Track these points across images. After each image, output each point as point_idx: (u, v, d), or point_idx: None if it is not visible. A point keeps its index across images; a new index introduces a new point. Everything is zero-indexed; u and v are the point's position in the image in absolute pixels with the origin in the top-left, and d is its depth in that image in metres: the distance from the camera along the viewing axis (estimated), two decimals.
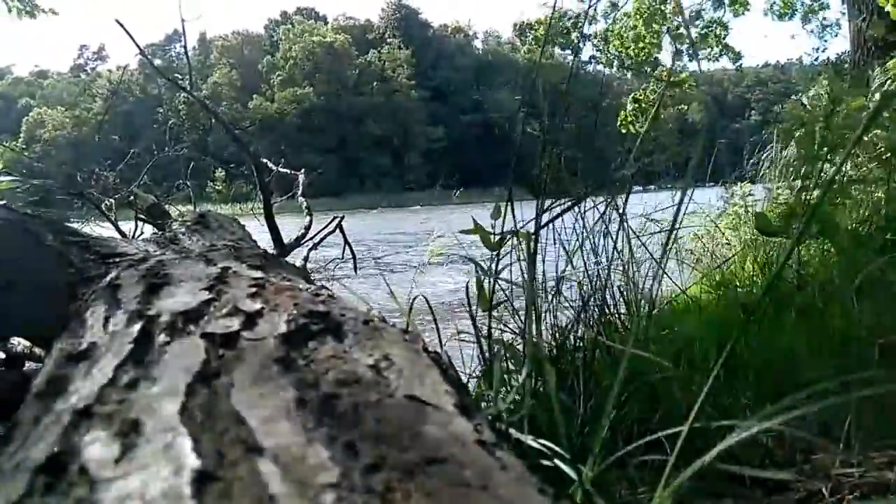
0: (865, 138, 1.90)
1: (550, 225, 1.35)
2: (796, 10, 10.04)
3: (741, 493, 0.92)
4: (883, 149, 2.01)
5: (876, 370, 1.09)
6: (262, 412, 0.45)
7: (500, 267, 1.27)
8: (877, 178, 2.08)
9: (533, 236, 1.19)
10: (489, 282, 1.25)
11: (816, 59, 12.23)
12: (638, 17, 8.98)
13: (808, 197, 1.60)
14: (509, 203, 1.28)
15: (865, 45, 5.13)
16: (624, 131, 8.48)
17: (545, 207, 1.25)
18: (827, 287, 1.58)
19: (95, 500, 0.37)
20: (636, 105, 8.73)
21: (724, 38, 9.83)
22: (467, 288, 1.29)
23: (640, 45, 9.01)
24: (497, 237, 1.28)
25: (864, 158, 2.16)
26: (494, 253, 1.28)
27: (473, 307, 1.25)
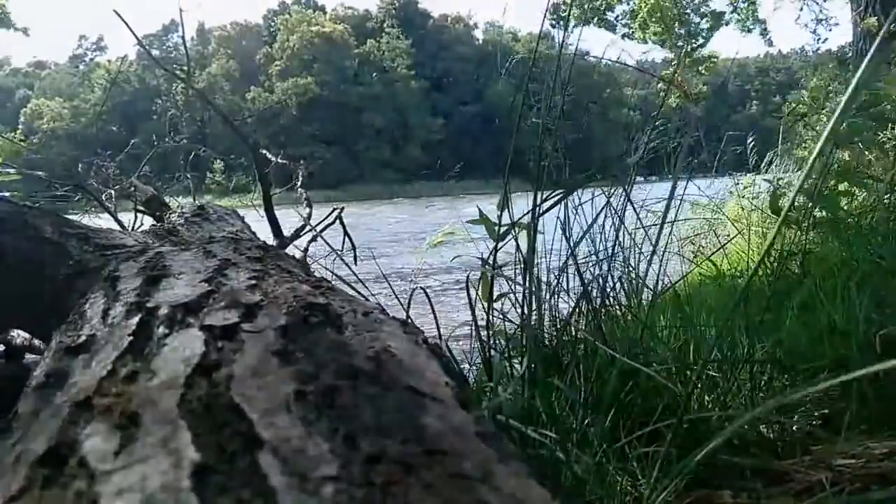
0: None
1: (553, 214, 1.35)
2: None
3: (741, 484, 0.92)
4: (886, 141, 2.00)
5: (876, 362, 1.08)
6: (261, 404, 0.45)
7: (501, 258, 1.27)
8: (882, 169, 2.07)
9: (532, 226, 1.18)
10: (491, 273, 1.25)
11: (818, 48, 12.17)
12: (644, 5, 8.99)
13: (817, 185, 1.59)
14: (508, 193, 1.27)
15: (867, 35, 5.10)
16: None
17: (544, 198, 1.25)
18: (828, 277, 1.58)
19: (95, 493, 0.37)
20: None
21: (754, 13, 9.82)
22: (468, 280, 1.29)
23: (650, 30, 9.02)
24: (501, 228, 1.27)
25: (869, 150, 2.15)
26: (496, 242, 1.27)
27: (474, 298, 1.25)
